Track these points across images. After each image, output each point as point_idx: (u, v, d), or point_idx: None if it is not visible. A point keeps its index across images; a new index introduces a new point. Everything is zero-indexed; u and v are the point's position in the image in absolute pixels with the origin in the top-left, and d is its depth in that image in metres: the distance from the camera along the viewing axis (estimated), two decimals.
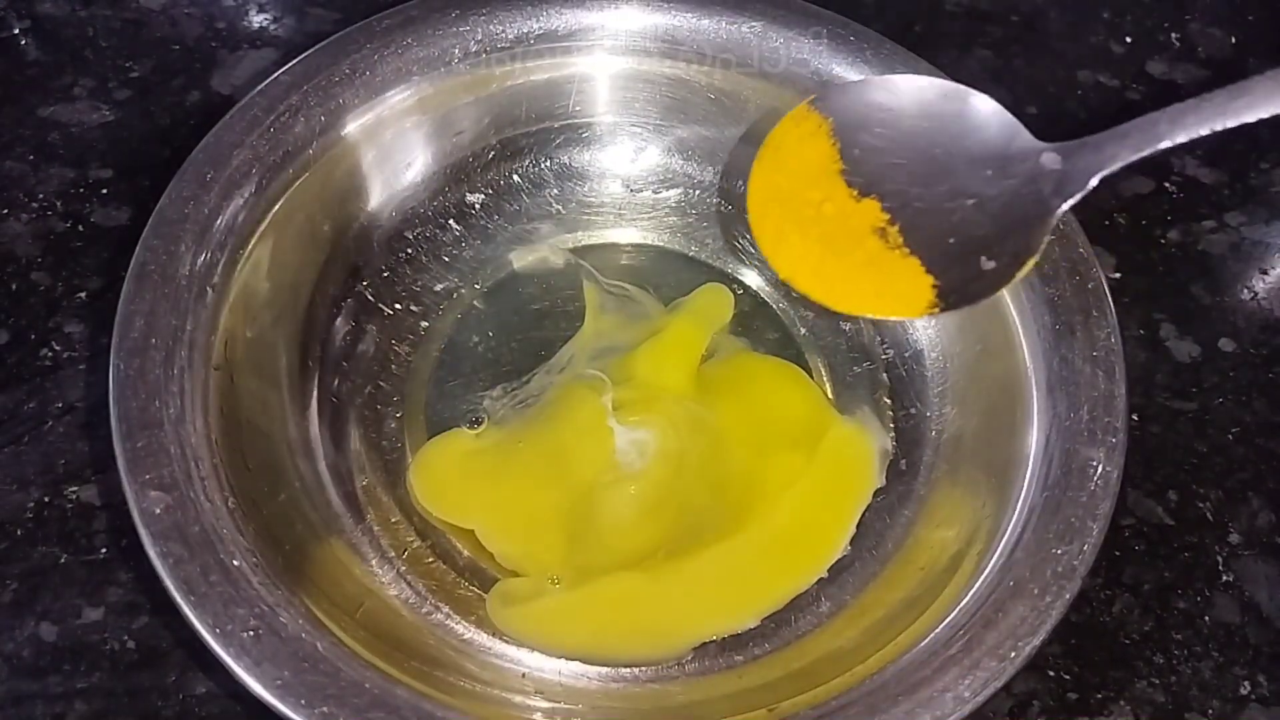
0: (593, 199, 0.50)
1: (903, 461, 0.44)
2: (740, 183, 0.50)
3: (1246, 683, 0.41)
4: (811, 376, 0.46)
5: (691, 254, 0.49)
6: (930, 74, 0.45)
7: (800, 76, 0.46)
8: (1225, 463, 0.46)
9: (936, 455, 0.43)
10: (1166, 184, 0.54)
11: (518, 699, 0.36)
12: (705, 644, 0.40)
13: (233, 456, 0.37)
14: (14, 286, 0.47)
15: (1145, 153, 0.32)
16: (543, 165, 0.49)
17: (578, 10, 0.46)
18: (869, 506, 0.43)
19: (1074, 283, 0.40)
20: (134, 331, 0.36)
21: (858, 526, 0.42)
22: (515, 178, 0.49)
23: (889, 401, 0.45)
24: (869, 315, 0.36)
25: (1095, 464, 0.36)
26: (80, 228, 0.49)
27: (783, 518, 0.42)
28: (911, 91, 0.36)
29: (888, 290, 0.34)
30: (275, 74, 0.43)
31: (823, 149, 0.36)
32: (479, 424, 0.44)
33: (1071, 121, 0.56)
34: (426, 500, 0.42)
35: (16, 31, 0.56)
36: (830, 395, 0.46)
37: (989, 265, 0.33)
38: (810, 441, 0.44)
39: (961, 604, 0.35)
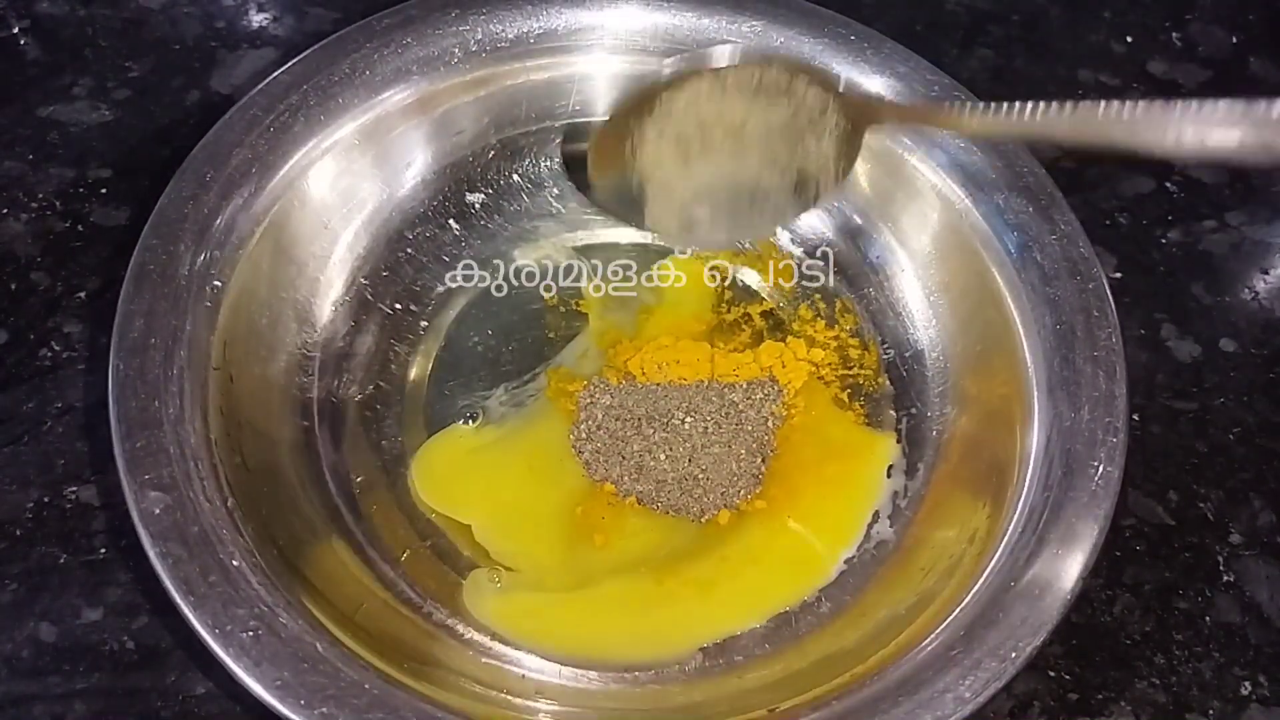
0: None
1: (904, 461, 0.44)
2: None
3: (1247, 683, 0.41)
4: None
5: (691, 253, 0.49)
6: (930, 73, 0.45)
7: None
8: (1226, 463, 0.46)
9: (937, 455, 0.43)
10: (1167, 184, 0.54)
11: (518, 700, 0.36)
12: (706, 645, 0.40)
13: (232, 456, 0.37)
14: (13, 286, 0.47)
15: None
16: (543, 165, 0.49)
17: (578, 10, 0.46)
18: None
19: (1075, 283, 0.40)
20: (133, 331, 0.36)
21: None
22: (515, 177, 0.49)
23: (890, 402, 0.45)
24: None
25: (1096, 464, 0.36)
26: (80, 227, 0.49)
27: (792, 520, 0.42)
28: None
29: None
30: (275, 73, 0.43)
31: None
32: (475, 420, 0.44)
33: None
34: (427, 494, 0.42)
35: (16, 31, 0.56)
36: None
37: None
38: (822, 443, 0.44)
39: (962, 604, 0.35)
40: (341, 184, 0.44)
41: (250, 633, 0.31)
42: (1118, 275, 0.51)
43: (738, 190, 0.41)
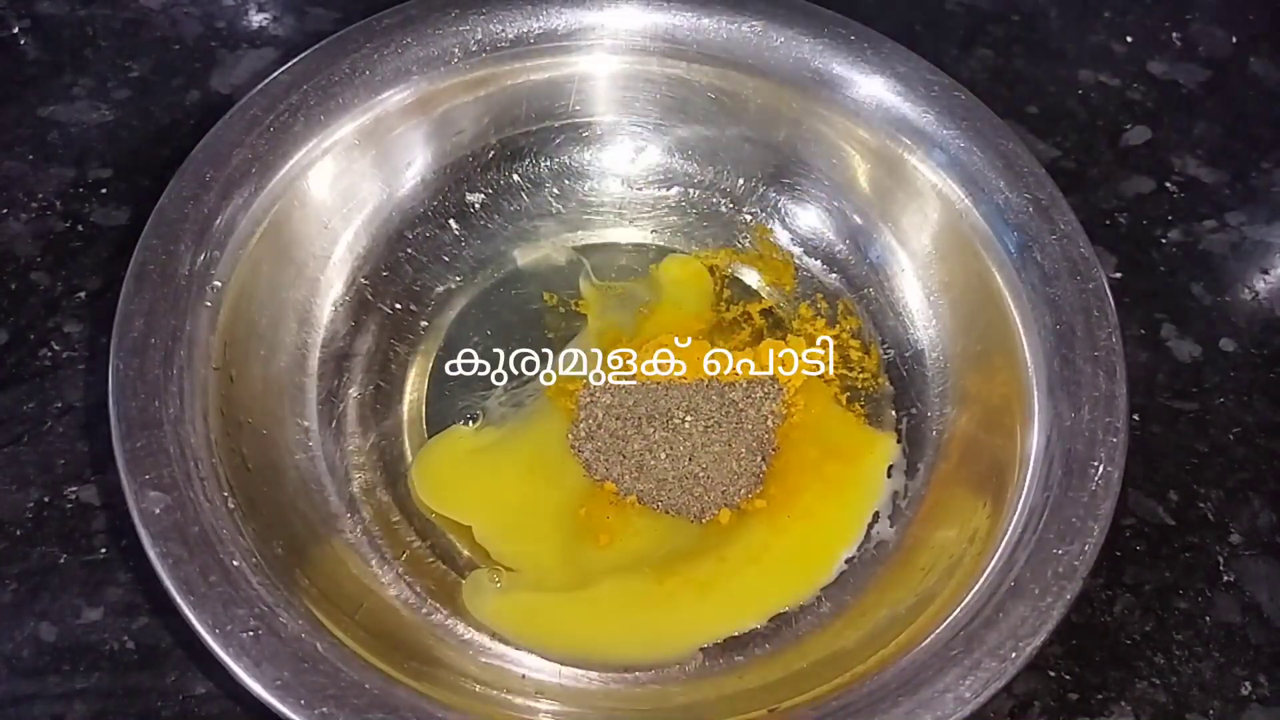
0: (593, 198, 0.50)
1: (904, 461, 0.44)
2: (740, 181, 0.50)
3: (1247, 683, 0.41)
4: None
5: (691, 253, 0.49)
6: (930, 73, 0.45)
7: (800, 76, 0.46)
8: (1226, 463, 0.46)
9: (937, 455, 0.43)
10: (1167, 184, 0.54)
11: (518, 700, 0.36)
12: (706, 645, 0.40)
13: (232, 456, 0.37)
14: (13, 286, 0.47)
15: None
16: (543, 165, 0.49)
17: (578, 10, 0.46)
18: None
19: (1075, 283, 0.40)
20: (133, 331, 0.36)
21: None
22: (515, 177, 0.49)
23: (890, 402, 0.45)
24: None
25: (1096, 464, 0.36)
26: (80, 228, 0.49)
27: (792, 520, 0.42)
28: None
29: None
30: (275, 73, 0.43)
31: None
32: (475, 421, 0.44)
33: (1072, 121, 0.56)
34: (427, 496, 0.42)
35: (16, 31, 0.56)
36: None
37: None
38: (822, 442, 0.44)
39: (962, 604, 0.35)
40: (341, 184, 0.44)
41: (250, 633, 0.31)
42: (1118, 275, 0.51)
43: None
